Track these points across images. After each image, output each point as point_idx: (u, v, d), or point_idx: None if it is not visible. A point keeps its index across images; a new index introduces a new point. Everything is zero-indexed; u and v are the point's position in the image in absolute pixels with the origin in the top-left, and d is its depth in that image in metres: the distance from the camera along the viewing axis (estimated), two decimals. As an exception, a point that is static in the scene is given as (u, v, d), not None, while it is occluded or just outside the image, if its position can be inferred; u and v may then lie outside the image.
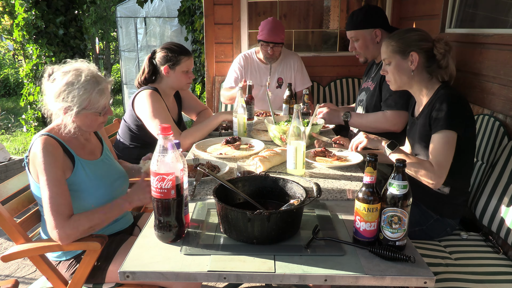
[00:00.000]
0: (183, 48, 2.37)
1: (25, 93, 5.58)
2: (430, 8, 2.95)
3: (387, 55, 1.81)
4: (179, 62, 2.31)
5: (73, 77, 1.49)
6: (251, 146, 2.17)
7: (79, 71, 1.51)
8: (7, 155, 3.96)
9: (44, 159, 1.42)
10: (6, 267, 2.71)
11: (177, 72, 2.33)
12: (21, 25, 5.27)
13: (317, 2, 4.14)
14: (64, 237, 1.38)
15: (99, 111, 1.55)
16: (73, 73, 1.50)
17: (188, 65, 2.35)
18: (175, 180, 1.15)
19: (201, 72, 5.16)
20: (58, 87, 1.49)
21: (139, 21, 7.90)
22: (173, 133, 1.41)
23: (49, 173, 1.41)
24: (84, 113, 1.52)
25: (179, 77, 2.34)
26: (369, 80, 2.53)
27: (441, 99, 1.66)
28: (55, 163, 1.44)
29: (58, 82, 1.49)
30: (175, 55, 2.30)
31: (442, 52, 1.71)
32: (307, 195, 1.26)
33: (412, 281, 1.06)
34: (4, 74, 10.45)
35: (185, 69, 2.34)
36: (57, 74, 1.51)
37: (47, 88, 1.53)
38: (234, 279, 1.08)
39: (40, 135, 1.49)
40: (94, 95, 1.50)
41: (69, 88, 1.48)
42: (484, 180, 1.91)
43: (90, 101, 1.51)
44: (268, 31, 3.03)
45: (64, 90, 1.48)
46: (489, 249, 1.75)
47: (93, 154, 1.66)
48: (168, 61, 2.30)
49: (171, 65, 2.30)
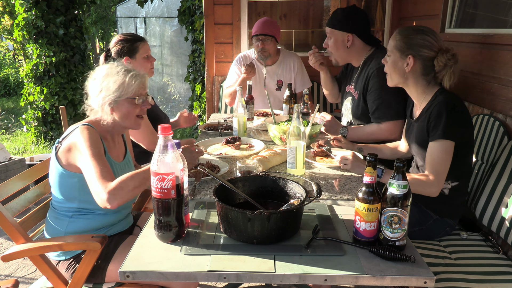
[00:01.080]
0: (135, 35, 2.33)
1: (25, 93, 5.57)
2: (430, 8, 2.95)
3: (390, 48, 1.80)
4: (137, 49, 2.26)
5: (107, 70, 1.59)
6: (251, 146, 2.17)
7: (113, 65, 1.61)
8: (7, 155, 3.96)
9: (88, 141, 1.47)
10: (6, 267, 2.72)
11: (138, 59, 2.26)
12: (21, 25, 5.27)
13: (317, 2, 4.14)
14: (110, 197, 1.35)
15: (134, 97, 1.59)
16: (107, 66, 1.61)
17: (147, 50, 2.30)
18: (175, 180, 1.15)
19: (201, 72, 5.16)
20: (97, 82, 1.58)
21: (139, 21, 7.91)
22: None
23: (94, 148, 1.45)
24: (120, 100, 1.57)
25: (141, 63, 2.27)
26: (351, 85, 2.49)
27: (439, 107, 1.65)
28: (98, 146, 1.49)
29: (97, 79, 1.59)
30: (131, 44, 2.25)
31: (441, 65, 1.67)
32: (307, 195, 1.26)
33: (412, 281, 1.06)
34: (4, 74, 10.45)
35: (144, 54, 2.28)
36: (97, 73, 1.61)
37: (90, 87, 1.61)
38: (234, 279, 1.08)
39: (81, 125, 1.54)
40: (127, 80, 1.57)
41: (105, 78, 1.57)
42: (484, 180, 1.91)
43: (124, 86, 1.56)
44: (258, 24, 3.05)
45: (101, 82, 1.57)
46: (489, 249, 1.75)
47: (118, 156, 1.70)
48: (126, 51, 2.24)
49: (130, 55, 2.24)
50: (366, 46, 2.41)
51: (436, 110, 1.65)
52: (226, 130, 2.55)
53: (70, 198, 1.56)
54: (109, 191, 1.35)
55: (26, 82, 5.52)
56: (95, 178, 1.39)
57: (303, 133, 1.69)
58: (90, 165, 1.42)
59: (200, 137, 2.44)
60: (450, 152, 1.62)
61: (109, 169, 1.43)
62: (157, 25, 7.68)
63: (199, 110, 5.10)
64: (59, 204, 1.59)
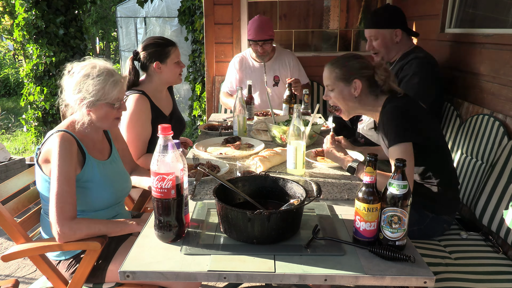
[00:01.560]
0: (167, 39, 2.29)
1: (25, 93, 5.57)
2: (430, 8, 2.95)
3: (330, 82, 1.81)
4: (169, 54, 2.22)
5: (88, 70, 1.56)
6: (251, 146, 2.17)
7: (94, 65, 1.58)
8: (7, 155, 3.96)
9: (59, 155, 1.46)
10: (6, 267, 2.72)
11: (169, 65, 2.23)
12: (21, 25, 5.26)
13: (317, 2, 4.14)
14: (61, 235, 1.41)
15: (113, 102, 1.59)
16: (88, 67, 1.57)
17: (178, 55, 2.28)
18: (175, 180, 1.15)
19: (201, 72, 5.16)
20: (76, 80, 1.55)
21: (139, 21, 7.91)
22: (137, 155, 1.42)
23: (62, 169, 1.44)
24: (99, 104, 1.56)
25: (172, 69, 2.25)
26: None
27: (386, 115, 1.69)
28: (70, 160, 1.48)
29: (76, 76, 1.56)
30: (163, 48, 2.21)
31: (383, 78, 1.73)
32: (307, 195, 1.26)
33: (412, 281, 1.06)
34: (4, 74, 10.45)
35: (175, 59, 2.26)
36: (75, 69, 1.58)
37: (66, 83, 1.59)
38: (234, 279, 1.08)
39: (57, 131, 1.52)
40: (108, 86, 1.55)
41: (85, 79, 1.54)
42: (484, 180, 1.91)
43: (104, 92, 1.55)
44: (255, 29, 3.05)
45: (80, 81, 1.54)
46: (489, 248, 1.75)
47: (102, 154, 1.69)
48: (157, 56, 2.20)
49: (161, 59, 2.21)
50: (409, 38, 2.52)
51: (384, 118, 1.69)
52: (226, 130, 2.55)
53: None
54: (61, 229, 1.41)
55: (26, 82, 5.52)
56: (54, 206, 1.42)
57: (303, 133, 1.69)
58: (54, 189, 1.43)
59: (200, 137, 2.44)
60: (410, 152, 1.62)
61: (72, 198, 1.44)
62: (157, 25, 7.68)
63: (199, 110, 5.09)
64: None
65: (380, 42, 2.47)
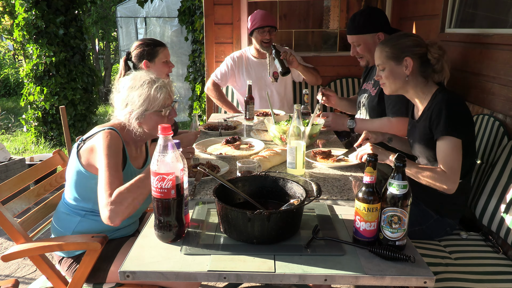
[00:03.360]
0: (156, 40, 2.37)
1: (25, 93, 5.57)
2: (430, 8, 2.95)
3: (381, 61, 1.81)
4: (157, 53, 2.29)
5: (132, 82, 1.55)
6: (251, 146, 2.17)
7: (136, 76, 1.57)
8: (7, 155, 3.96)
9: (107, 149, 1.45)
10: (6, 267, 2.72)
11: (157, 64, 2.30)
12: (21, 25, 5.27)
13: (317, 2, 4.14)
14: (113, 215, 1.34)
15: (161, 109, 1.56)
16: (131, 79, 1.57)
17: (166, 55, 2.34)
18: (175, 180, 1.15)
19: (201, 72, 5.16)
20: (123, 95, 1.55)
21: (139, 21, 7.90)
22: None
23: (111, 158, 1.44)
24: (147, 114, 1.54)
25: (160, 68, 2.31)
26: (370, 82, 2.52)
27: (440, 104, 1.67)
28: (117, 153, 1.48)
29: (123, 91, 1.56)
30: (151, 48, 2.28)
31: (436, 56, 1.71)
32: (307, 195, 1.26)
33: (412, 281, 1.06)
34: (4, 74, 10.45)
35: (164, 59, 2.32)
36: (121, 84, 1.58)
37: (115, 100, 1.59)
38: (234, 279, 1.08)
39: (107, 128, 1.53)
40: (152, 93, 1.53)
41: (130, 92, 1.54)
42: (484, 180, 1.91)
43: (150, 100, 1.53)
44: (261, 16, 3.12)
45: (127, 95, 1.54)
46: (489, 248, 1.75)
47: (138, 162, 1.69)
48: (146, 55, 2.28)
49: (149, 58, 2.28)
50: None
51: (437, 108, 1.66)
52: (226, 130, 2.55)
53: (85, 198, 1.54)
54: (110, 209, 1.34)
55: (26, 82, 5.52)
56: (103, 190, 1.38)
57: (303, 133, 1.69)
58: (103, 175, 1.41)
59: (200, 137, 2.44)
60: (459, 149, 1.62)
61: (120, 183, 1.41)
62: (157, 25, 7.68)
63: (199, 110, 5.10)
64: (73, 202, 1.58)
65: (363, 48, 2.43)
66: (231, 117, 3.02)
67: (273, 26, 3.15)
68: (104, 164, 1.43)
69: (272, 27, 3.15)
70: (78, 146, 1.55)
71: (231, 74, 3.33)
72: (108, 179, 1.40)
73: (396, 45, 1.76)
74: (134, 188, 1.37)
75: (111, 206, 1.34)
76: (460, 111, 1.66)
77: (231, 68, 3.32)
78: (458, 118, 1.64)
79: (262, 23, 3.11)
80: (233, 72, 3.32)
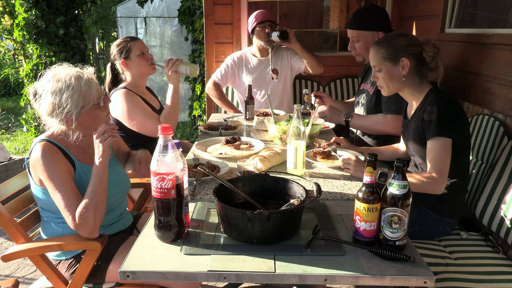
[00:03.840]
0: (127, 37, 2.41)
1: (25, 93, 5.57)
2: (430, 8, 2.94)
3: (377, 62, 1.80)
4: (130, 49, 2.33)
5: (56, 84, 1.47)
6: (251, 146, 2.17)
7: (57, 76, 1.48)
8: (7, 155, 3.96)
9: (46, 166, 1.43)
10: (6, 267, 2.71)
11: (133, 59, 2.34)
12: (21, 25, 5.26)
13: (317, 2, 4.14)
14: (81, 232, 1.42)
15: (97, 102, 1.54)
16: (53, 81, 1.48)
17: (140, 47, 2.36)
18: (175, 180, 1.15)
19: (201, 72, 5.16)
20: (48, 102, 1.47)
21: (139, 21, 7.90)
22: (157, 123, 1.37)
23: (53, 178, 1.43)
24: (84, 111, 1.51)
25: (137, 62, 2.35)
26: (368, 82, 2.52)
27: (432, 104, 1.67)
28: (57, 167, 1.45)
29: (46, 97, 1.48)
30: (123, 46, 2.34)
31: (431, 55, 1.71)
32: (307, 195, 1.26)
33: (412, 281, 1.06)
34: (4, 74, 10.45)
35: (138, 52, 2.35)
36: (40, 89, 1.50)
37: (38, 109, 1.51)
38: (234, 279, 1.08)
39: (40, 140, 1.49)
40: (83, 89, 1.48)
41: (58, 96, 1.46)
42: (484, 180, 1.91)
43: (84, 97, 1.49)
44: (261, 13, 3.19)
45: (54, 101, 1.46)
46: (489, 248, 1.75)
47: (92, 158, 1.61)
48: (120, 54, 2.34)
49: (125, 56, 2.33)
50: None
51: (429, 108, 1.67)
52: (226, 130, 2.55)
53: (55, 209, 1.50)
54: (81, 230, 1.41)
55: (26, 82, 5.52)
56: (65, 215, 1.43)
57: (303, 133, 1.69)
58: (57, 197, 1.43)
59: (200, 137, 2.44)
60: (449, 149, 1.63)
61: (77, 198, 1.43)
62: (157, 25, 7.68)
63: (199, 110, 5.09)
64: (48, 215, 1.58)
65: (361, 45, 2.43)
66: (231, 117, 3.02)
67: (273, 21, 3.20)
68: (52, 188, 1.43)
69: (273, 22, 3.19)
70: (27, 166, 1.53)
71: (231, 74, 3.34)
72: (63, 202, 1.42)
73: (391, 46, 1.75)
74: (90, 202, 1.41)
75: (80, 229, 1.41)
76: (451, 111, 1.66)
77: (231, 68, 3.33)
78: (449, 118, 1.64)
79: (263, 18, 3.16)
80: (233, 72, 3.33)
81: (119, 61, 2.35)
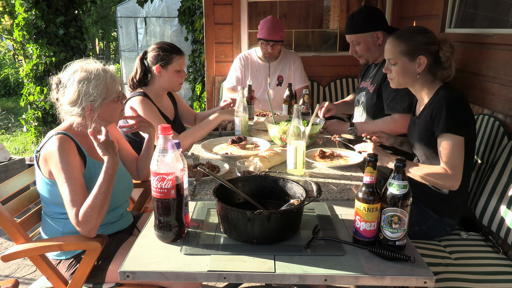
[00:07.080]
0: (175, 47, 2.32)
1: (25, 93, 5.57)
2: (430, 8, 2.95)
3: (393, 56, 1.79)
4: (171, 60, 2.26)
5: (83, 74, 1.54)
6: (257, 145, 2.16)
7: (85, 67, 1.57)
8: (7, 155, 3.96)
9: (61, 158, 1.45)
10: (6, 267, 2.72)
11: (169, 71, 2.27)
12: (21, 25, 5.26)
13: (317, 2, 4.14)
14: (83, 231, 1.43)
15: (117, 96, 1.62)
16: (80, 71, 1.55)
17: (181, 64, 2.30)
18: (175, 180, 1.15)
19: (201, 72, 5.16)
20: (73, 90, 1.53)
21: (139, 21, 7.91)
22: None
23: (67, 171, 1.45)
24: (105, 102, 1.58)
25: (171, 76, 2.29)
26: (368, 80, 2.52)
27: (442, 101, 1.66)
28: (71, 161, 1.48)
29: (71, 87, 1.53)
30: (167, 54, 2.25)
31: (447, 55, 1.71)
32: (307, 195, 1.26)
33: (412, 281, 1.06)
34: (4, 74, 10.45)
35: (177, 68, 2.28)
36: (65, 79, 1.55)
37: (62, 97, 1.56)
38: (234, 279, 1.08)
39: (56, 133, 1.52)
40: (109, 81, 1.57)
41: (85, 84, 1.53)
42: (484, 180, 1.91)
43: (108, 88, 1.57)
44: (268, 29, 3.05)
45: (81, 89, 1.52)
46: (489, 249, 1.75)
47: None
48: (160, 60, 2.25)
49: (163, 64, 2.25)
50: None
51: (439, 104, 1.66)
52: (226, 130, 2.55)
53: (59, 203, 1.52)
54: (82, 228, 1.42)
55: (26, 82, 5.52)
56: (68, 208, 1.43)
57: (303, 133, 1.69)
58: (65, 190, 1.44)
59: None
60: (461, 147, 1.61)
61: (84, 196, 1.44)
62: (157, 25, 7.69)
63: (199, 110, 5.10)
64: (51, 210, 1.59)
65: (362, 47, 2.42)
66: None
67: (277, 41, 3.10)
68: (61, 178, 1.44)
69: (277, 42, 3.10)
70: (36, 159, 1.54)
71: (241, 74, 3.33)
72: (69, 196, 1.43)
73: (411, 42, 1.73)
74: (96, 201, 1.42)
75: (81, 226, 1.42)
76: (462, 109, 1.66)
77: (240, 70, 3.32)
78: (460, 116, 1.64)
79: (267, 37, 3.07)
80: (241, 72, 3.32)
81: (154, 64, 2.26)
